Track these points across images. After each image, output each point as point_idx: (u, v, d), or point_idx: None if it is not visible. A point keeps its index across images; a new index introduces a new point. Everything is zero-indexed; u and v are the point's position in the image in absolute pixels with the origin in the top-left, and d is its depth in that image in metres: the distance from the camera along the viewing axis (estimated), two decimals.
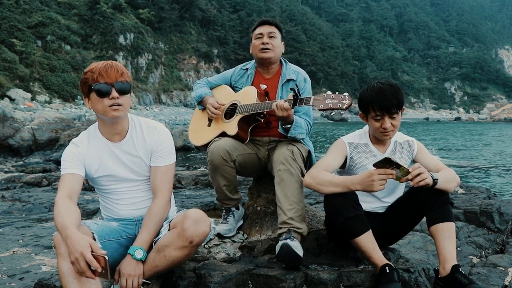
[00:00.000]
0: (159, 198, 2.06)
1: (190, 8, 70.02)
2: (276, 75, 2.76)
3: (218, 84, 2.92)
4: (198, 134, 2.83)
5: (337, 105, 2.24)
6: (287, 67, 2.77)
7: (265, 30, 2.71)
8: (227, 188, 2.61)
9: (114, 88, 1.93)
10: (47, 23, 48.98)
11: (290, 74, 2.72)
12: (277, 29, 2.74)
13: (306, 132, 2.59)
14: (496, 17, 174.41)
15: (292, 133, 2.51)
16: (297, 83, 2.65)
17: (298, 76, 2.72)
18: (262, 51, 2.69)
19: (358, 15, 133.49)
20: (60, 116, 15.26)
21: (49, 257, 3.02)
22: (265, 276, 2.16)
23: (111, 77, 1.93)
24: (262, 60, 2.73)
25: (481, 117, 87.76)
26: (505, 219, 3.52)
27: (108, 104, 1.93)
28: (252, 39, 2.77)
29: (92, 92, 1.94)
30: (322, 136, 29.21)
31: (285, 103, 2.36)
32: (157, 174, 2.08)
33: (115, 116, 1.96)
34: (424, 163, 2.31)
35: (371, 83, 2.28)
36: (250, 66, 2.85)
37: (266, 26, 2.72)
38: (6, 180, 7.78)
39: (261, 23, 2.76)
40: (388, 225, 2.35)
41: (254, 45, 2.74)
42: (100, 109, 1.96)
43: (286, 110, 2.36)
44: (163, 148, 2.10)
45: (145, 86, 58.19)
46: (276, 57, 2.73)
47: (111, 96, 1.93)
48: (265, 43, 2.68)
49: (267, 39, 2.69)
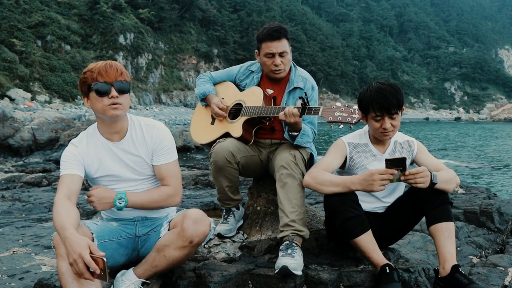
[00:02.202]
0: (168, 187, 2.08)
1: (190, 8, 69.98)
2: (284, 81, 2.67)
3: (222, 80, 2.86)
4: (201, 132, 2.80)
5: (347, 119, 2.18)
6: (296, 73, 2.66)
7: (277, 49, 2.53)
8: (230, 189, 2.60)
9: (113, 87, 1.93)
10: (47, 23, 48.96)
11: (298, 81, 2.63)
12: (286, 40, 2.57)
13: (311, 140, 2.57)
14: (496, 17, 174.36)
15: (299, 141, 2.47)
16: (305, 91, 2.56)
17: (306, 84, 2.64)
18: (275, 73, 2.59)
19: (358, 15, 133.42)
20: (60, 116, 15.28)
21: (49, 257, 3.02)
22: (265, 276, 2.16)
23: (111, 77, 1.93)
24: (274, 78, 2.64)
25: (481, 117, 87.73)
26: (505, 219, 3.52)
27: (107, 103, 1.93)
28: (261, 53, 2.59)
29: (92, 91, 1.94)
30: (322, 136, 29.21)
31: (294, 109, 2.30)
32: (162, 170, 2.09)
33: (114, 115, 1.96)
34: (424, 163, 2.31)
35: (371, 83, 2.28)
36: (256, 70, 2.75)
37: (276, 43, 2.53)
38: (6, 180, 7.79)
39: (270, 38, 2.53)
40: (388, 225, 2.35)
41: (265, 63, 2.59)
42: (100, 108, 1.96)
43: (295, 116, 2.31)
44: (164, 146, 2.10)
45: (145, 86, 58.18)
46: (287, 71, 2.64)
47: (110, 95, 1.93)
48: (278, 65, 2.55)
49: (279, 60, 2.54)
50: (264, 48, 2.57)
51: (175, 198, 2.10)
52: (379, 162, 2.28)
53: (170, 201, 2.09)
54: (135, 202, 2.01)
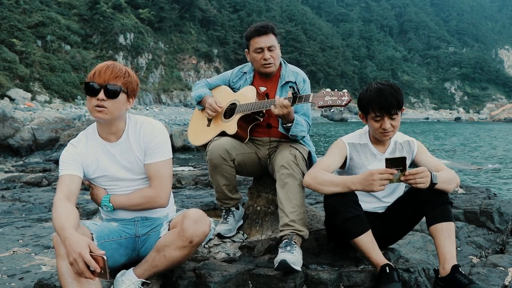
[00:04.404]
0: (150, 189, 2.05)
1: (190, 8, 70.00)
2: (275, 77, 2.74)
3: (217, 85, 2.92)
4: (198, 134, 2.83)
5: (336, 102, 2.25)
6: (286, 68, 2.74)
7: (265, 43, 2.61)
8: (227, 187, 2.61)
9: (103, 89, 1.92)
10: (47, 23, 48.99)
11: (289, 76, 2.70)
12: (274, 35, 2.65)
13: (306, 130, 2.59)
14: (496, 17, 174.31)
15: (294, 131, 2.50)
16: (297, 83, 2.63)
17: (297, 77, 2.70)
18: (265, 66, 2.64)
19: (358, 15, 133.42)
20: (60, 116, 15.26)
21: (49, 257, 3.02)
22: (265, 276, 2.16)
23: (103, 78, 1.92)
24: (265, 73, 2.70)
25: (481, 117, 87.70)
26: (505, 219, 3.52)
27: (94, 104, 1.94)
28: (250, 50, 2.68)
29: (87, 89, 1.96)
30: (322, 136, 29.20)
31: (285, 100, 2.35)
32: (150, 169, 2.05)
33: (98, 117, 1.96)
34: (424, 163, 2.31)
35: (370, 83, 2.28)
36: (248, 70, 2.82)
37: (264, 38, 2.61)
38: (6, 180, 7.79)
39: (258, 33, 2.62)
40: (388, 225, 2.35)
41: (255, 59, 2.66)
42: (89, 107, 1.98)
43: (286, 107, 2.35)
44: (156, 143, 2.05)
45: (145, 86, 58.15)
46: (277, 66, 2.70)
47: (97, 97, 1.92)
48: (267, 59, 2.61)
49: (268, 54, 2.61)
50: (253, 44, 2.65)
51: (158, 200, 2.05)
52: (379, 162, 2.28)
53: (152, 203, 2.06)
54: (119, 206, 2.08)
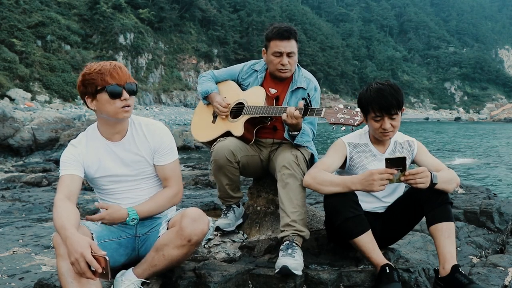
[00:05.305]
0: (171, 188, 2.13)
1: (190, 8, 69.99)
2: (287, 81, 2.68)
3: (224, 79, 2.86)
4: (202, 130, 2.81)
5: (349, 121, 2.19)
6: (300, 73, 2.67)
7: (285, 49, 2.54)
8: (230, 187, 2.62)
9: (124, 89, 1.95)
10: (47, 23, 48.97)
11: (301, 82, 2.64)
12: (295, 41, 2.58)
13: (311, 139, 2.59)
14: (496, 17, 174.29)
15: (299, 140, 2.48)
16: (308, 91, 2.58)
17: (309, 84, 2.65)
18: (281, 71, 2.60)
19: (358, 15, 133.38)
20: (60, 116, 15.28)
21: (49, 257, 3.02)
22: (265, 276, 2.16)
23: (122, 79, 1.94)
24: (279, 77, 2.65)
25: (481, 117, 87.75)
26: (505, 219, 3.52)
27: (120, 106, 1.95)
28: (269, 52, 2.60)
29: (101, 93, 1.93)
30: (322, 136, 29.20)
31: (296, 111, 2.31)
32: (165, 170, 2.13)
33: (125, 117, 2.00)
34: (424, 163, 2.31)
35: (370, 83, 2.27)
36: (260, 69, 2.75)
37: (285, 42, 2.54)
38: (6, 180, 7.80)
39: (280, 37, 2.54)
40: (388, 225, 2.35)
41: (272, 61, 2.59)
42: (111, 110, 1.96)
43: (296, 118, 2.32)
44: (166, 146, 2.12)
45: (145, 86, 58.15)
46: (292, 72, 2.65)
47: (122, 98, 1.94)
48: (285, 64, 2.56)
49: (287, 60, 2.56)
50: (273, 47, 2.58)
51: (179, 197, 2.17)
52: (379, 162, 2.28)
53: (174, 201, 2.15)
54: (145, 214, 2.05)
